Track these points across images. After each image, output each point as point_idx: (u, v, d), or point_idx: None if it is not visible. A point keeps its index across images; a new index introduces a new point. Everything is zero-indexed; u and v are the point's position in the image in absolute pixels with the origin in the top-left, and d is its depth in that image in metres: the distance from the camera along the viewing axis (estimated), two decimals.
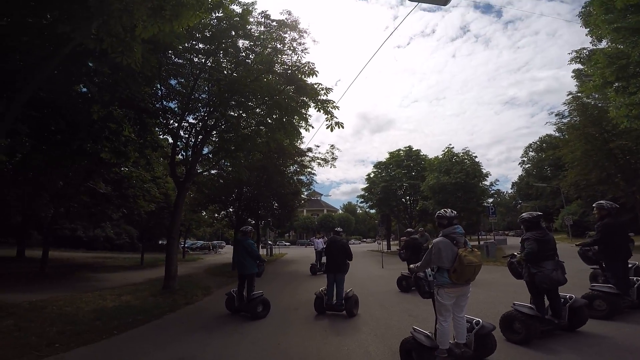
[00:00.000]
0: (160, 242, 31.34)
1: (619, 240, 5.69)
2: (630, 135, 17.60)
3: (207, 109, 11.20)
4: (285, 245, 55.78)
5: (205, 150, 12.82)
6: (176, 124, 11.28)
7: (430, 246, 4.15)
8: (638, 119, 12.02)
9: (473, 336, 4.21)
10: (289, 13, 9.86)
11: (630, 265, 6.37)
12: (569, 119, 22.93)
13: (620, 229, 5.75)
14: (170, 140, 11.95)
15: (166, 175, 18.38)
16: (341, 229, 9.10)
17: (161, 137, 12.89)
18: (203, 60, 10.11)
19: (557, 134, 28.49)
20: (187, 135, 11.76)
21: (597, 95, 18.35)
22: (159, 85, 10.35)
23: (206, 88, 11.13)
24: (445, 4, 5.76)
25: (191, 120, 11.80)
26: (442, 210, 4.31)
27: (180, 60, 10.10)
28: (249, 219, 21.41)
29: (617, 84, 12.26)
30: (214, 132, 11.97)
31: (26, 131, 7.99)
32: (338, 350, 5.12)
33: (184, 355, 4.72)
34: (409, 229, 10.76)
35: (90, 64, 8.10)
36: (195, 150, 11.51)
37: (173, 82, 10.96)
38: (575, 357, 4.27)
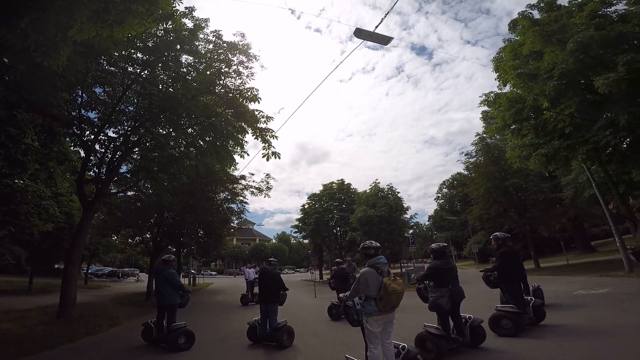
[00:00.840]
0: (56, 265, 27.35)
1: (514, 265, 6.61)
2: (521, 174, 20.46)
3: (132, 123, 10.35)
4: (212, 274, 53.18)
5: (124, 169, 11.56)
6: (92, 136, 10.19)
7: (358, 276, 4.32)
8: (527, 160, 13.78)
9: None
10: (242, 36, 9.84)
11: (531, 288, 7.44)
12: (475, 158, 26.10)
13: (514, 256, 6.72)
14: (83, 154, 10.62)
15: (71, 193, 16.28)
16: (275, 260, 8.99)
17: (72, 148, 11.43)
18: (138, 70, 9.46)
19: (466, 172, 32.36)
20: (103, 150, 10.64)
21: (498, 137, 20.94)
22: (80, 92, 9.37)
23: (135, 100, 10.33)
24: (386, 44, 6.47)
25: (111, 134, 10.79)
26: (368, 241, 4.57)
27: (112, 68, 9.30)
28: (169, 247, 19.73)
29: (513, 127, 13.94)
30: (136, 149, 10.96)
31: None
32: None
33: None
34: (337, 260, 11.07)
35: (5, 60, 7.03)
36: (111, 167, 10.40)
37: (98, 90, 9.99)
38: None
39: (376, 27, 5.90)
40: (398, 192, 30.95)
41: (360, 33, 5.93)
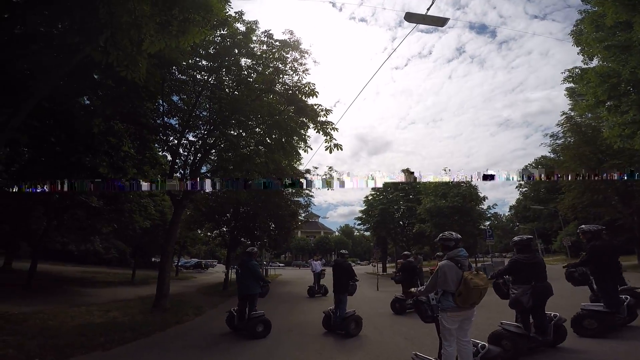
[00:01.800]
0: (153, 259, 30.77)
1: (606, 260, 5.86)
2: (624, 155, 17.49)
3: (207, 127, 11.22)
4: (280, 266, 55.07)
5: (204, 169, 12.70)
6: (176, 141, 11.26)
7: (435, 270, 4.08)
8: (631, 139, 11.96)
9: None
10: (291, 33, 10.02)
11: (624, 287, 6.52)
12: (563, 140, 23.08)
13: (608, 250, 5.95)
14: (169, 158, 11.88)
15: (163, 194, 18.14)
16: (346, 252, 9.28)
17: (160, 153, 12.89)
18: (206, 77, 10.24)
19: (552, 156, 28.74)
20: (186, 153, 11.71)
21: (590, 115, 18.28)
22: (161, 101, 10.41)
23: (207, 106, 11.21)
24: (442, 25, 6.02)
25: (191, 138, 11.78)
26: (448, 232, 4.27)
27: (183, 77, 10.23)
28: (244, 239, 21.11)
29: (609, 103, 12.18)
30: (213, 150, 11.93)
31: (26, 141, 8.01)
32: None
33: None
34: (405, 252, 10.76)
35: (96, 76, 8.18)
36: (193, 168, 11.42)
37: (175, 98, 11.04)
38: None
39: (428, 9, 5.56)
40: (471, 181, 27.21)
41: (411, 17, 5.60)
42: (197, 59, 9.85)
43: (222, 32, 8.95)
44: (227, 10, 8.47)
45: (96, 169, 10.37)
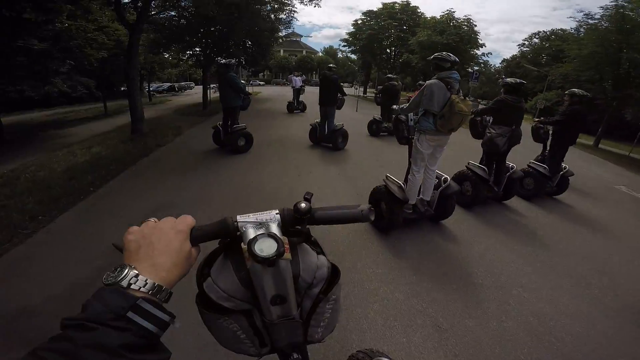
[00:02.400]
0: (122, 88, 29.44)
1: (575, 128, 5.85)
2: None
3: None
4: (260, 84, 53.80)
5: None
6: None
7: (422, 88, 3.89)
8: None
9: (438, 194, 4.31)
10: None
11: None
12: (597, 21, 20.18)
13: (582, 119, 5.74)
14: None
15: (114, 21, 16.25)
16: (335, 66, 8.99)
17: None
18: None
19: (572, 31, 26.82)
20: None
21: None
22: None
23: None
24: None
25: None
26: (446, 53, 3.88)
27: None
28: (218, 58, 19.68)
29: None
30: None
31: None
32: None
33: (162, 202, 5.01)
34: (389, 75, 10.32)
35: None
36: None
37: None
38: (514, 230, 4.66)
39: None
40: (475, 26, 26.20)
41: None
42: None
43: None
44: None
45: (20, 16, 8.84)
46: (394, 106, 4.36)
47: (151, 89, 30.04)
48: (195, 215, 0.69)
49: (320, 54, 79.82)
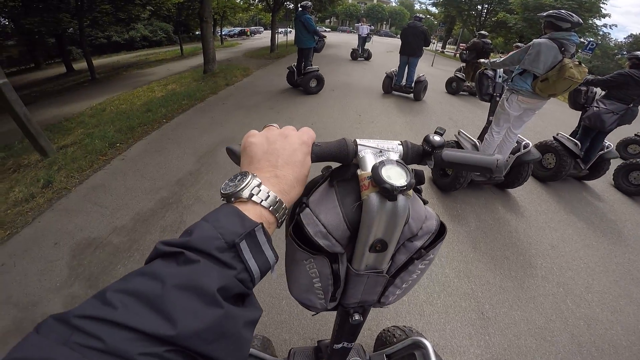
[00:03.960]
0: (197, 32, 30.51)
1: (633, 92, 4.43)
2: None
3: None
4: (326, 31, 51.55)
5: None
6: None
7: (528, 44, 3.28)
8: None
9: (514, 159, 3.74)
10: None
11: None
12: None
13: None
14: None
15: None
16: (422, 16, 8.16)
17: None
18: None
19: None
20: None
21: None
22: None
23: None
24: None
25: None
26: (566, 12, 3.17)
27: None
28: (287, 2, 19.05)
29: None
30: None
31: None
32: (370, 136, 5.18)
33: (225, 136, 5.06)
34: (482, 32, 8.93)
35: None
36: None
37: None
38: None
39: None
40: None
41: None
42: None
43: None
44: None
45: None
46: (482, 60, 3.70)
47: (223, 33, 30.50)
48: None
49: (394, 3, 73.63)
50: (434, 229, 0.69)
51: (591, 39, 24.73)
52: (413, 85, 7.97)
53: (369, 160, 0.58)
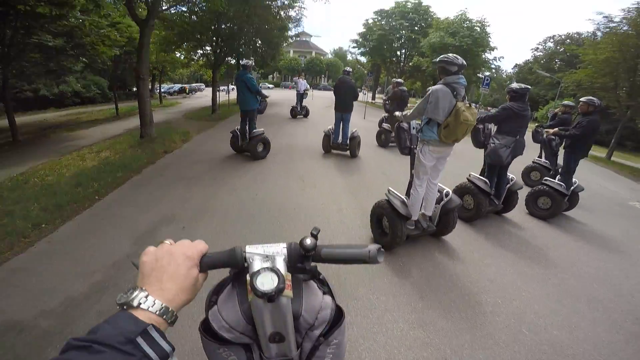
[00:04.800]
0: (134, 88, 29.87)
1: (590, 139, 5.55)
2: None
3: None
4: (269, 87, 53.57)
5: None
6: None
7: (427, 93, 3.66)
8: None
9: (440, 209, 4.09)
10: None
11: None
12: (617, 24, 19.67)
13: (596, 129, 5.46)
14: None
15: (125, 16, 16.01)
16: (350, 70, 8.83)
17: None
18: None
19: (587, 35, 26.64)
20: None
21: None
22: None
23: None
24: None
25: None
26: (453, 55, 3.62)
27: None
28: (228, 58, 19.75)
29: None
30: None
31: None
32: (313, 204, 5.49)
33: (165, 214, 4.96)
34: (397, 80, 10.07)
35: None
36: None
37: None
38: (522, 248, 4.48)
39: None
40: (488, 25, 25.71)
41: None
42: None
43: None
44: None
45: (34, 11, 9.11)
46: (397, 113, 4.10)
47: (162, 90, 30.27)
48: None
49: (330, 55, 79.58)
50: (328, 317, 0.81)
51: (487, 74, 28.90)
52: (348, 142, 8.31)
53: (255, 266, 0.69)
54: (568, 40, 45.33)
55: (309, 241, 0.71)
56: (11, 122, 11.71)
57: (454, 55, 3.62)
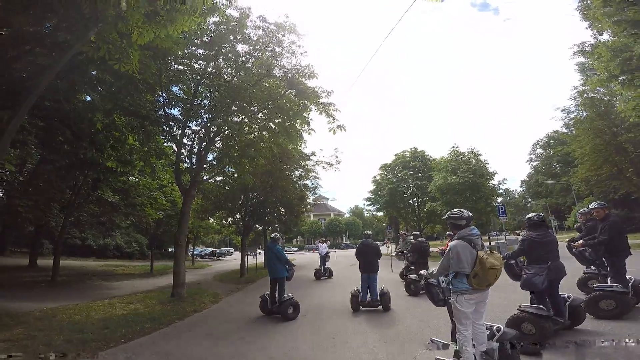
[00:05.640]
0: (169, 249, 31.57)
1: (621, 237, 5.58)
2: (639, 128, 16.98)
3: (210, 115, 11.14)
4: (293, 250, 55.28)
5: (210, 157, 12.84)
6: (179, 131, 11.22)
7: (447, 250, 3.82)
8: None
9: (496, 344, 3.92)
10: (286, 16, 9.82)
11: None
12: (575, 113, 22.49)
13: (623, 227, 5.72)
14: (175, 148, 11.92)
15: (172, 183, 18.67)
16: (370, 232, 9.39)
17: (165, 144, 13.08)
18: (203, 65, 10.12)
19: (564, 130, 28.15)
20: (190, 142, 11.75)
21: (602, 90, 17.76)
22: (160, 92, 10.34)
23: (208, 94, 11.12)
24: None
25: (194, 127, 11.76)
26: (458, 210, 3.97)
27: (180, 67, 10.14)
28: (256, 225, 21.38)
29: (622, 77, 11.75)
30: (217, 138, 11.97)
31: (33, 142, 8.22)
32: (342, 351, 5.17)
33: None
34: (414, 232, 10.74)
35: (93, 72, 8.26)
36: (199, 157, 11.47)
37: (175, 88, 10.99)
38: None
39: None
40: (480, 155, 27.65)
41: None
42: (193, 48, 9.71)
43: (214, 18, 8.75)
44: None
45: (104, 164, 10.90)
46: (422, 271, 4.21)
47: (195, 252, 31.71)
48: None
49: (347, 215, 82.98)
50: None
51: (500, 200, 27.02)
52: (379, 298, 8.13)
53: None
54: (551, 141, 44.49)
55: None
56: (55, 264, 12.47)
57: (459, 209, 3.93)
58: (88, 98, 9.43)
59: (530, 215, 5.21)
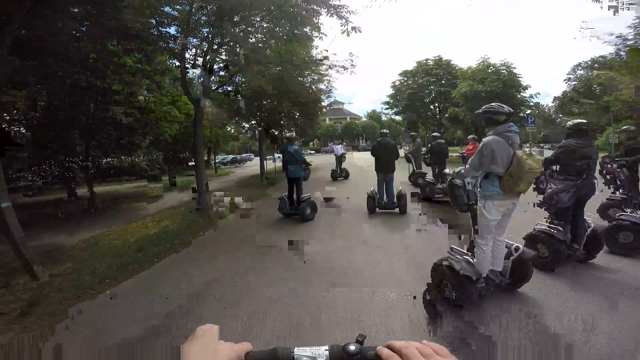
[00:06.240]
0: (190, 164, 32.65)
1: None
2: None
3: (210, 29, 10.50)
4: (310, 153, 55.81)
5: (215, 67, 12.37)
6: (179, 48, 10.66)
7: (480, 146, 3.41)
8: None
9: (510, 263, 3.62)
10: None
11: None
12: (634, 41, 20.61)
13: None
14: (178, 63, 11.57)
15: (183, 95, 18.38)
16: (387, 131, 9.12)
17: (169, 62, 12.72)
18: None
19: (613, 56, 25.81)
20: (193, 56, 11.41)
21: None
22: (148, 12, 9.51)
23: (205, 10, 10.30)
24: None
25: (195, 41, 11.20)
26: (497, 104, 3.50)
27: None
28: (272, 130, 21.58)
29: None
30: (221, 49, 11.43)
31: (34, 79, 8.20)
32: (363, 267, 5.15)
33: (209, 279, 5.12)
34: (434, 134, 10.37)
35: None
36: (205, 66, 11.18)
37: (167, 8, 10.09)
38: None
39: None
40: (514, 68, 25.78)
41: None
42: None
43: None
44: None
45: (110, 88, 11.17)
46: (446, 170, 3.88)
47: (217, 161, 32.85)
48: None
49: (364, 118, 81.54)
50: None
51: (528, 112, 27.24)
52: (395, 200, 8.16)
53: None
54: (596, 65, 41.53)
55: (352, 347, 0.64)
56: (91, 193, 13.44)
57: (498, 104, 3.52)
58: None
59: (569, 122, 4.53)
